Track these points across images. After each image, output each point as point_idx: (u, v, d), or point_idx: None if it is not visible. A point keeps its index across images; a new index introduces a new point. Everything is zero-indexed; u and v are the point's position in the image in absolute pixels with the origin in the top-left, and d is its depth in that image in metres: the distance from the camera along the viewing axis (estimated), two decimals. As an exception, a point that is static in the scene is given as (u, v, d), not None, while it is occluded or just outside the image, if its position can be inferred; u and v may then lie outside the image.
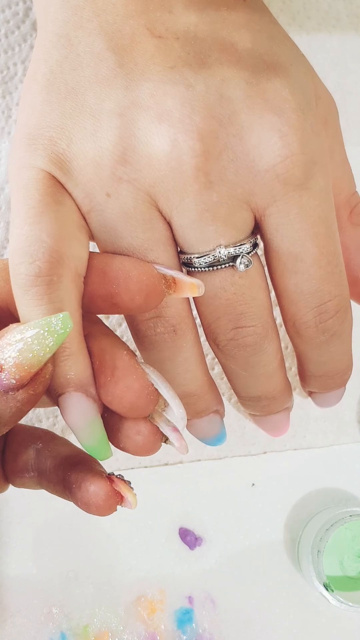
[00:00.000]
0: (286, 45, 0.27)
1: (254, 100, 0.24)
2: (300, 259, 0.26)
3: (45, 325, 0.21)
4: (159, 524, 0.35)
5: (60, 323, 0.21)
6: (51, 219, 0.24)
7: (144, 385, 0.24)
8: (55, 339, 0.21)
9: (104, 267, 0.25)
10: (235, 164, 0.25)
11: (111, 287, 0.24)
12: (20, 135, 0.26)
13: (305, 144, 0.25)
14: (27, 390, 0.22)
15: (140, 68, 0.25)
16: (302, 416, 0.37)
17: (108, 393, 0.24)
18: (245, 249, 0.26)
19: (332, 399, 0.33)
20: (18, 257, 0.23)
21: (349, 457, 0.37)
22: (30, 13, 0.36)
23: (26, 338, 0.21)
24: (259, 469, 0.36)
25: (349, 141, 0.31)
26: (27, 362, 0.21)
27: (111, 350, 0.24)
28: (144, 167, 0.24)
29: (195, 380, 0.29)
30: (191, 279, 0.25)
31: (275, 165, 0.25)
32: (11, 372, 0.21)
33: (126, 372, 0.24)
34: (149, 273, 0.25)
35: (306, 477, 0.36)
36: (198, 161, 0.24)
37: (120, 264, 0.25)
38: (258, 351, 0.28)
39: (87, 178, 0.25)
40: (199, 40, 0.25)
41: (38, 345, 0.21)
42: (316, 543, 0.33)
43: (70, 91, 0.25)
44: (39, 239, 0.23)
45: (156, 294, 0.25)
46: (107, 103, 0.25)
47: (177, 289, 0.25)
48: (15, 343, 0.21)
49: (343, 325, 0.28)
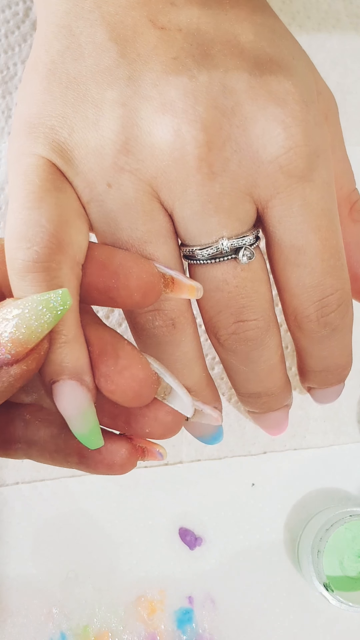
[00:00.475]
0: (288, 39, 0.27)
1: (257, 92, 0.24)
2: (302, 251, 0.26)
3: (44, 301, 0.21)
4: (159, 524, 0.35)
5: (59, 299, 0.21)
6: (51, 205, 0.24)
7: (149, 374, 0.24)
8: (53, 315, 0.21)
9: (104, 259, 0.24)
10: (239, 155, 0.24)
11: (110, 281, 0.24)
12: (20, 123, 0.26)
13: (309, 135, 0.25)
14: (20, 365, 0.21)
15: (143, 58, 0.24)
16: (302, 416, 0.37)
17: (111, 382, 0.23)
18: (248, 241, 0.26)
19: (331, 395, 0.32)
20: (15, 241, 0.23)
21: (349, 457, 0.37)
22: (30, 13, 0.36)
23: (24, 313, 0.21)
24: (259, 469, 0.36)
25: (349, 141, 0.31)
26: (24, 337, 0.21)
27: (112, 340, 0.24)
28: (147, 157, 0.24)
29: (193, 375, 0.29)
30: (191, 280, 0.25)
31: (278, 157, 0.25)
32: (7, 347, 0.21)
33: (130, 361, 0.24)
34: (149, 271, 0.24)
35: (306, 477, 0.36)
36: (201, 152, 0.24)
37: (122, 259, 0.24)
38: (259, 345, 0.27)
39: (88, 167, 0.25)
40: (201, 32, 0.25)
41: (36, 321, 0.21)
42: (316, 543, 0.33)
43: (71, 81, 0.25)
44: (38, 223, 0.23)
45: (154, 292, 0.25)
46: (110, 93, 0.24)
47: (175, 289, 0.25)
48: (12, 318, 0.21)
49: (344, 320, 0.28)
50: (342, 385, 0.32)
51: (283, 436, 0.36)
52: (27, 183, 0.24)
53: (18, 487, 0.35)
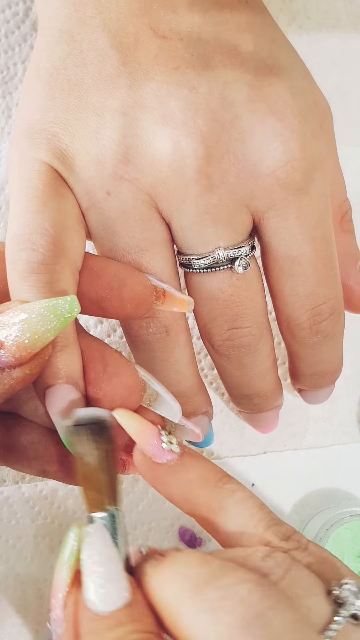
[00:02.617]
0: (286, 49, 0.27)
1: (256, 104, 0.25)
2: (297, 262, 0.26)
3: (52, 307, 0.21)
4: (159, 524, 0.35)
5: (67, 306, 0.21)
6: (54, 210, 0.24)
7: (137, 381, 0.24)
8: (60, 321, 0.21)
9: (98, 270, 0.25)
10: (237, 167, 0.25)
11: (103, 291, 0.24)
12: (22, 129, 0.26)
13: (306, 149, 0.25)
14: (23, 369, 0.21)
15: (143, 68, 0.25)
16: (302, 416, 0.37)
17: (99, 389, 0.24)
18: (244, 251, 0.26)
19: (321, 396, 0.33)
20: (18, 243, 0.23)
21: (349, 457, 0.37)
22: (30, 13, 0.36)
23: (31, 318, 0.21)
24: (259, 469, 0.36)
25: (349, 141, 0.31)
26: (30, 342, 0.21)
27: (99, 347, 0.24)
28: (146, 168, 0.24)
29: (185, 381, 0.29)
30: (182, 294, 0.26)
31: (276, 170, 0.25)
32: (11, 350, 0.21)
33: (119, 368, 0.24)
34: (142, 283, 0.25)
35: (306, 477, 0.36)
36: (200, 164, 0.24)
37: (116, 270, 0.25)
38: (252, 352, 0.28)
39: (88, 175, 0.25)
40: (202, 42, 0.25)
41: (42, 327, 0.21)
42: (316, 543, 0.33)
43: (73, 87, 0.25)
44: (41, 227, 0.23)
45: (146, 304, 0.25)
46: (111, 101, 0.25)
47: (167, 302, 0.26)
48: (19, 322, 0.21)
49: (336, 327, 0.28)
50: (332, 387, 0.33)
51: (283, 436, 0.36)
52: (30, 188, 0.24)
53: (18, 487, 0.35)
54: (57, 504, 0.35)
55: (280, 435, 0.36)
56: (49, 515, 0.35)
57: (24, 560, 0.35)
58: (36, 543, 0.35)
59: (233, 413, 0.36)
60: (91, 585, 0.20)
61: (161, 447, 0.23)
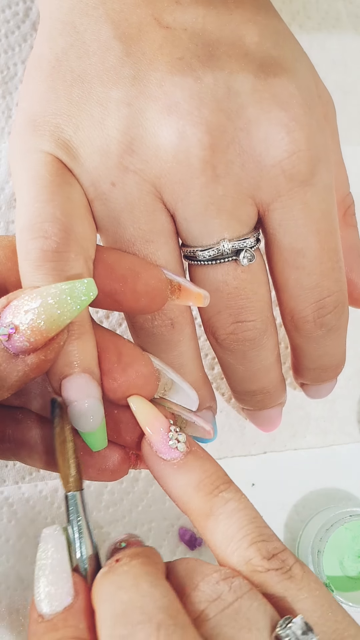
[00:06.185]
0: (291, 41, 0.27)
1: (261, 95, 0.24)
2: (302, 254, 0.26)
3: (69, 290, 0.20)
4: (159, 524, 0.35)
5: (84, 289, 0.21)
6: (63, 198, 0.24)
7: (152, 370, 0.24)
8: (77, 304, 0.20)
9: (112, 263, 0.24)
10: (242, 158, 0.25)
11: (117, 284, 0.24)
12: (24, 121, 0.26)
13: (311, 140, 0.25)
14: (38, 355, 0.21)
15: (148, 58, 0.24)
16: (302, 416, 0.37)
17: (114, 379, 0.23)
18: (249, 243, 0.26)
19: (323, 391, 0.33)
20: (30, 232, 0.23)
21: (349, 457, 0.37)
22: (30, 13, 0.36)
23: (47, 301, 0.20)
24: (259, 469, 0.36)
25: (349, 141, 0.31)
26: (46, 325, 0.20)
27: (112, 337, 0.24)
28: (151, 158, 0.24)
29: (190, 375, 0.29)
30: (198, 289, 0.25)
31: (281, 161, 0.25)
32: (26, 334, 0.20)
33: (133, 358, 0.23)
34: (157, 277, 0.25)
35: (306, 477, 0.36)
36: (206, 154, 0.24)
37: (130, 263, 0.24)
38: (256, 346, 0.28)
39: (93, 166, 0.25)
40: (206, 32, 0.25)
41: (59, 309, 0.20)
42: (316, 543, 0.33)
43: (76, 79, 0.25)
44: (52, 215, 0.23)
45: (161, 298, 0.25)
46: (115, 92, 0.24)
47: (182, 296, 0.25)
48: (36, 306, 0.20)
49: (340, 321, 0.28)
50: (335, 382, 0.32)
51: (283, 436, 0.36)
52: (38, 178, 0.24)
53: (18, 487, 0.35)
54: (57, 504, 0.35)
55: (280, 435, 0.36)
56: (49, 515, 0.35)
57: (25, 560, 0.35)
58: (36, 543, 0.35)
59: (233, 413, 0.36)
60: (40, 586, 0.20)
61: (167, 444, 0.23)
